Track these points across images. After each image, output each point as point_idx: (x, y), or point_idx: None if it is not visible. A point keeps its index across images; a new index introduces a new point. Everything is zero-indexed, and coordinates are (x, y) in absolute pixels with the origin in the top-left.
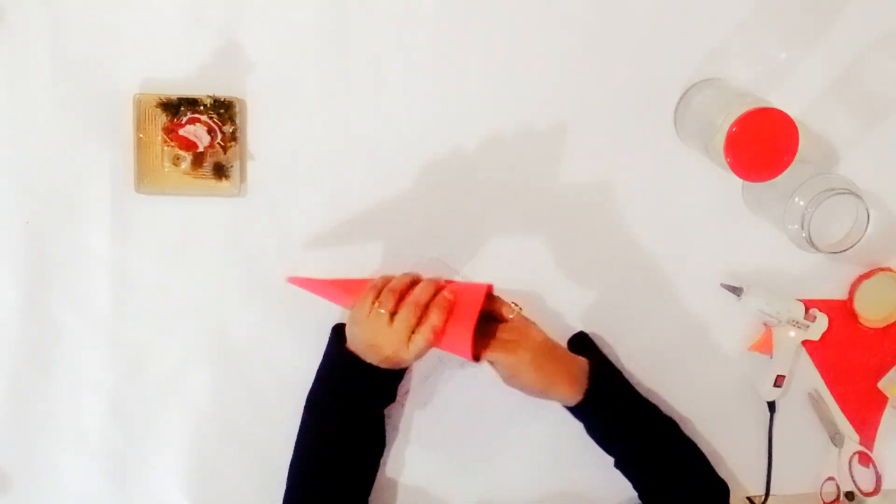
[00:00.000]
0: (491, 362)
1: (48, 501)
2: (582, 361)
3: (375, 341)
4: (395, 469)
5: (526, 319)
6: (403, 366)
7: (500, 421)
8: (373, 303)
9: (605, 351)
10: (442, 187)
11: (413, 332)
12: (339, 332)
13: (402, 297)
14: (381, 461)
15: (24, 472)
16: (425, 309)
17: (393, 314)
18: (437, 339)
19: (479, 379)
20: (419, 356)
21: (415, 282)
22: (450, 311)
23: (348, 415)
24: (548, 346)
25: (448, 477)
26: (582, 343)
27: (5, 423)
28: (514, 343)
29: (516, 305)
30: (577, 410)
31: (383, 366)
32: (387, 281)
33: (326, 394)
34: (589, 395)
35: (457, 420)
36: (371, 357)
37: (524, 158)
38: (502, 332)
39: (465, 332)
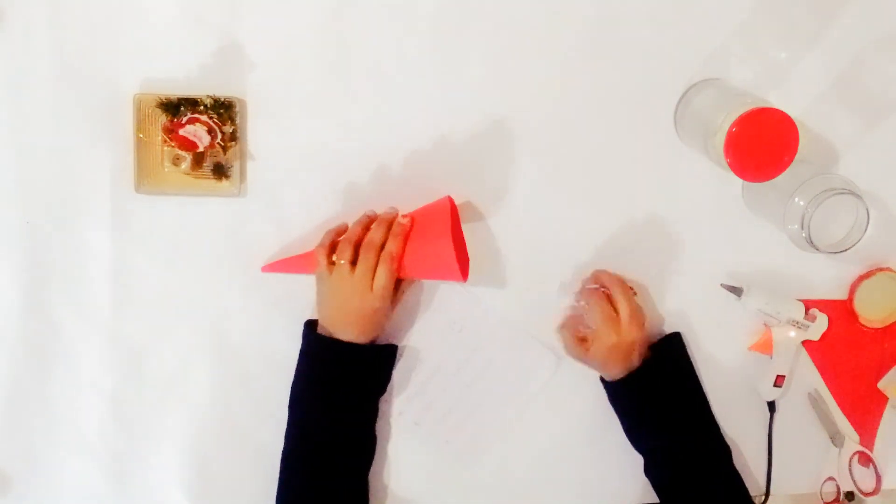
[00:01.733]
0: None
1: (48, 501)
2: (641, 356)
3: (341, 296)
4: (387, 472)
5: (637, 312)
6: (378, 320)
7: (496, 426)
8: (329, 260)
9: None
10: (441, 187)
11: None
12: (311, 326)
13: (358, 244)
14: (375, 461)
15: (24, 472)
16: (384, 247)
17: (354, 263)
18: (401, 266)
19: (477, 381)
20: (386, 294)
21: (369, 225)
22: (406, 235)
23: (333, 402)
24: (633, 343)
25: (440, 482)
26: (670, 343)
27: (5, 423)
28: (616, 320)
29: (634, 293)
30: (610, 389)
31: (360, 337)
32: (333, 234)
33: (307, 387)
34: (624, 379)
35: (451, 424)
36: (344, 327)
37: (524, 158)
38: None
39: (444, 246)
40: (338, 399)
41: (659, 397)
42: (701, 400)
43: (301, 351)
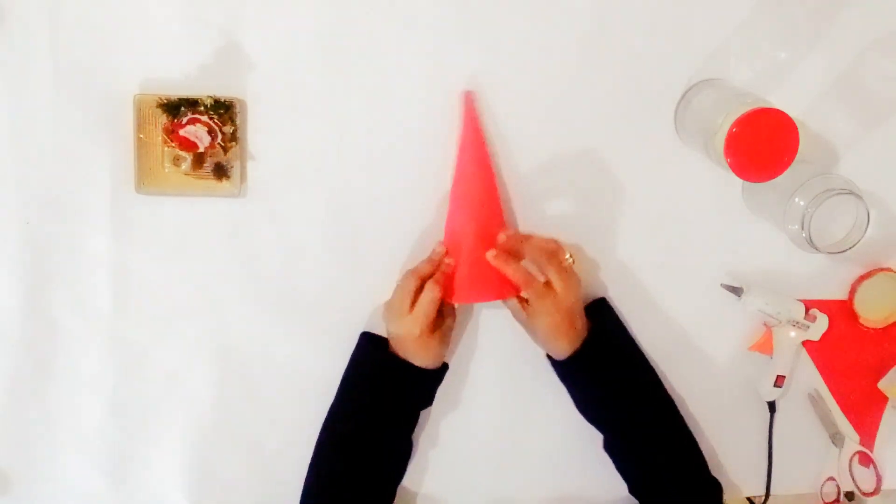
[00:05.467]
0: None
1: (48, 501)
2: (586, 324)
3: (389, 317)
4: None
5: (574, 275)
6: (427, 348)
7: (505, 425)
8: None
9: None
10: (441, 187)
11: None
12: (370, 340)
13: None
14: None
15: (24, 472)
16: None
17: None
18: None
19: (483, 383)
20: (419, 319)
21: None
22: (447, 281)
23: (387, 416)
24: (574, 309)
25: (453, 480)
26: (600, 308)
27: (5, 423)
28: (551, 293)
29: (571, 257)
30: (561, 368)
31: (418, 362)
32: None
33: (366, 395)
34: (575, 355)
35: (462, 424)
36: (403, 352)
37: (524, 158)
38: (550, 274)
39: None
40: (385, 411)
41: (610, 367)
42: (644, 362)
43: (370, 360)
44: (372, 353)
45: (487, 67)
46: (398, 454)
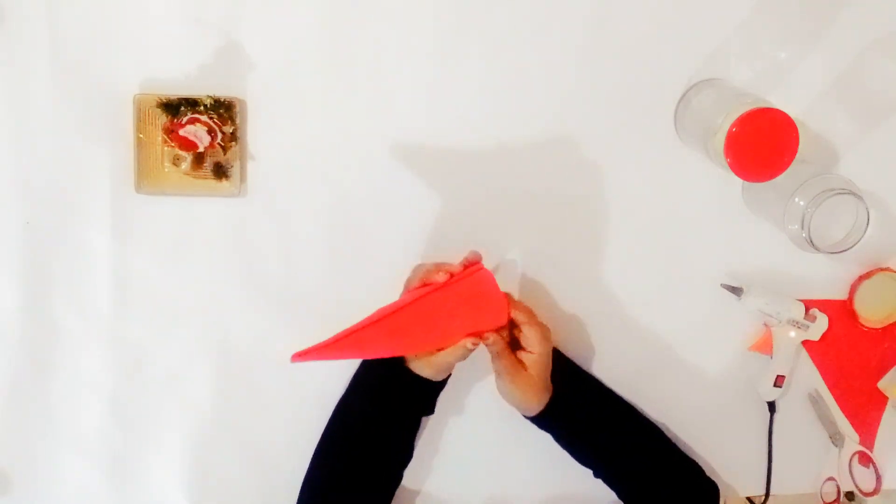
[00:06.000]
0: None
1: (48, 501)
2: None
3: None
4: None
5: (545, 329)
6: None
7: (504, 424)
8: None
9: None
10: (441, 187)
11: None
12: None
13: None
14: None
15: (24, 472)
16: None
17: None
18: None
19: (483, 383)
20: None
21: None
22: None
23: (389, 424)
24: (547, 368)
25: (452, 480)
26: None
27: (5, 423)
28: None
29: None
30: (537, 421)
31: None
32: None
33: (368, 402)
34: (547, 408)
35: (462, 423)
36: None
37: (524, 159)
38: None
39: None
40: (386, 416)
41: (583, 410)
42: (606, 394)
43: (378, 366)
44: (379, 360)
45: (488, 66)
46: (397, 460)
